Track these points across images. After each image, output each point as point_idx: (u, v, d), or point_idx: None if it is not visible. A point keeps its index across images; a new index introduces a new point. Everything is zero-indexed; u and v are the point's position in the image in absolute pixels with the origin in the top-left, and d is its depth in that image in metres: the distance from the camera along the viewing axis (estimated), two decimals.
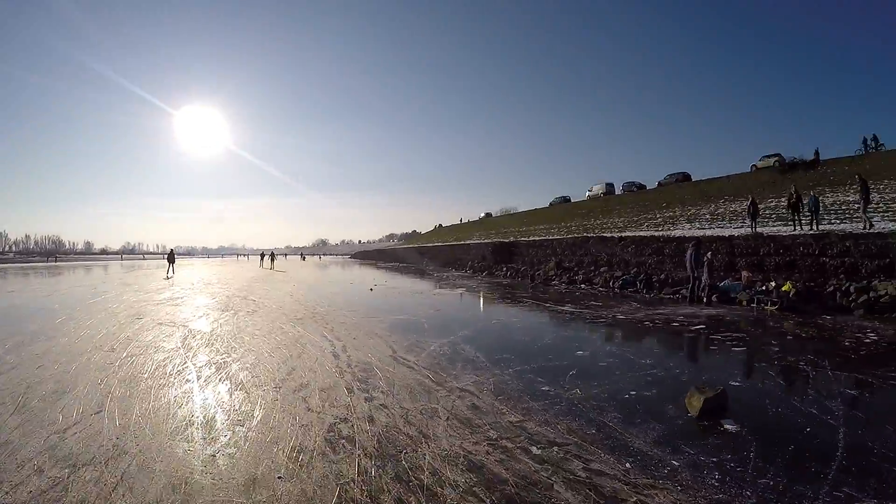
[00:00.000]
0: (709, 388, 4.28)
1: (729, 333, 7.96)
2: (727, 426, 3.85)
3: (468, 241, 40.11)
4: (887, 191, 18.44)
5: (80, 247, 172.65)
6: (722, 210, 22.92)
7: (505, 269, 24.94)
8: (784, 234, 13.65)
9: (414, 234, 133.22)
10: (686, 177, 39.66)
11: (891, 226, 12.15)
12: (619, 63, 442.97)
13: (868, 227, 12.30)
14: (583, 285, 17.18)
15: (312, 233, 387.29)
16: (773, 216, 18.46)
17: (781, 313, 10.15)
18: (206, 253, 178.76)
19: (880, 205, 15.70)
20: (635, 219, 27.43)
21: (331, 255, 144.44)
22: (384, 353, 6.61)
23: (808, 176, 25.78)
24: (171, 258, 28.55)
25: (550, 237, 26.36)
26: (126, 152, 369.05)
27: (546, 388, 4.91)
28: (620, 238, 19.25)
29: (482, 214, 72.13)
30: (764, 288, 11.58)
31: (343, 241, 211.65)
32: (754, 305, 11.14)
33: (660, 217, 25.84)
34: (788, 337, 7.65)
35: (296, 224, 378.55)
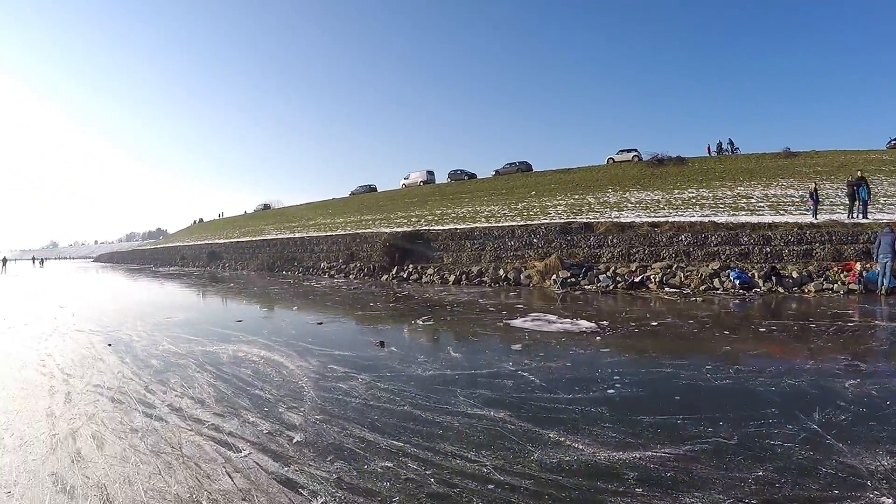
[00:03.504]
0: None
1: None
2: None
3: (305, 235, 29.58)
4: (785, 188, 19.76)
5: None
6: (636, 199, 21.56)
7: (432, 270, 17.96)
8: (866, 221, 13.54)
9: (160, 232, 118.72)
10: (528, 166, 38.31)
11: None
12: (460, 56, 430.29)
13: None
14: (667, 289, 12.65)
15: (39, 233, 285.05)
16: (705, 205, 18.36)
17: None
18: None
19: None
20: (517, 206, 24.56)
21: (65, 258, 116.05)
22: None
23: (683, 171, 27.76)
24: None
25: (495, 224, 20.13)
26: None
27: None
28: (656, 225, 15.70)
29: (260, 206, 61.34)
30: None
31: (77, 242, 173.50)
32: None
33: (561, 204, 22.94)
34: None
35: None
